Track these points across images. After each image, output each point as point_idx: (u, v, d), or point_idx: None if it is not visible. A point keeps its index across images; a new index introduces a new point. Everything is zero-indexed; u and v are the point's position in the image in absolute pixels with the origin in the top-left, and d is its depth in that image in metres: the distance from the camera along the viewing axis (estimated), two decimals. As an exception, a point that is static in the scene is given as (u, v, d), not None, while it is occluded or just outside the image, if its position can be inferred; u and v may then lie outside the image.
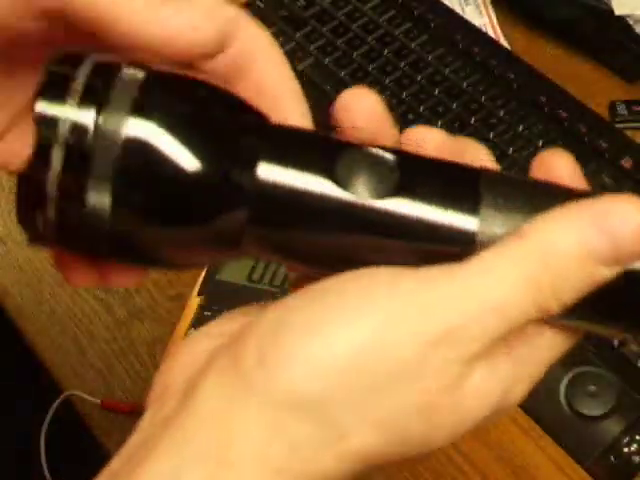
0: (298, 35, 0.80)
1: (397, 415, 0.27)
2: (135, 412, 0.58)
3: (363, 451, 0.27)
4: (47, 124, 0.27)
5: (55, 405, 0.61)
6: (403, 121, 0.73)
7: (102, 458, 0.60)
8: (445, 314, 0.26)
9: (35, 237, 0.30)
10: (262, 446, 0.26)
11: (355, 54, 0.78)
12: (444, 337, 0.26)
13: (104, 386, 0.62)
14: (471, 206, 0.28)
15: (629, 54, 0.77)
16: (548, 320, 0.29)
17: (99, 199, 0.27)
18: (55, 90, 0.27)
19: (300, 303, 0.27)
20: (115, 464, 0.29)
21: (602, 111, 0.75)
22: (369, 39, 0.80)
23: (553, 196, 0.29)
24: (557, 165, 0.31)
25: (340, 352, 0.26)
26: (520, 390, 0.29)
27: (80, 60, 0.28)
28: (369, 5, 0.82)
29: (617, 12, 0.77)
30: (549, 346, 0.29)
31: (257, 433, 0.26)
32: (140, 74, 0.28)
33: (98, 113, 0.27)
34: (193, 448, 0.27)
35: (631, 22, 0.77)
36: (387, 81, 0.76)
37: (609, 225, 0.27)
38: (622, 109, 0.75)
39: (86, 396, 0.60)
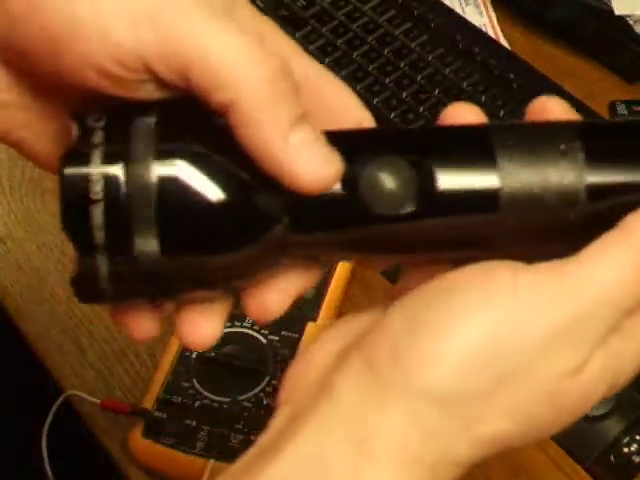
0: (298, 35, 0.80)
1: (526, 402, 0.29)
2: (135, 412, 0.58)
3: (495, 437, 0.30)
4: (78, 186, 0.28)
5: (56, 405, 0.61)
6: (403, 121, 0.73)
7: (102, 458, 0.60)
8: (566, 306, 0.29)
9: (91, 296, 0.30)
10: (400, 440, 0.29)
11: (355, 54, 0.78)
12: (566, 328, 0.29)
13: (104, 386, 0.62)
14: (490, 164, 0.30)
15: (629, 54, 0.77)
16: None
17: (147, 244, 0.28)
18: (79, 155, 0.29)
19: (425, 303, 0.30)
20: (243, 462, 0.30)
21: (602, 111, 0.75)
22: (369, 39, 0.80)
23: (564, 130, 0.31)
24: (552, 109, 0.34)
25: (469, 348, 0.28)
26: (630, 365, 0.31)
27: (98, 116, 0.29)
28: (369, 5, 0.82)
29: (617, 12, 0.77)
30: None
31: (396, 428, 0.29)
32: (152, 119, 0.29)
33: (126, 165, 0.28)
34: (337, 436, 0.29)
35: (631, 22, 0.77)
36: (387, 81, 0.76)
37: None
38: (622, 109, 0.75)
39: (86, 396, 0.60)
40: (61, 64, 0.30)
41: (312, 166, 0.29)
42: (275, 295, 0.32)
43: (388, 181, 0.30)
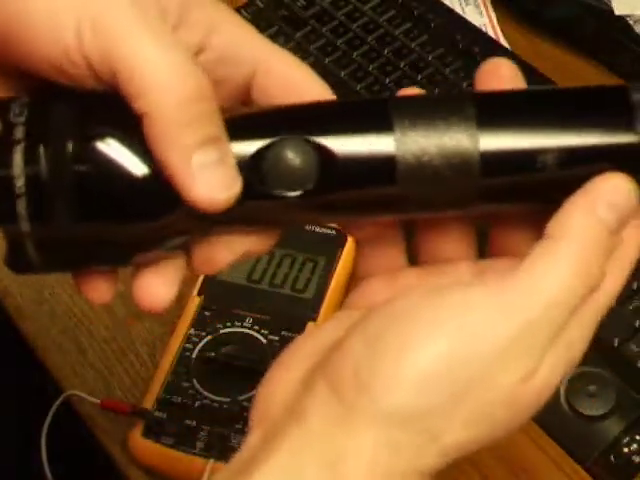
0: (298, 35, 0.80)
1: (484, 410, 0.31)
2: (135, 412, 0.58)
3: (459, 444, 0.31)
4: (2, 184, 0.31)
5: (55, 405, 0.61)
6: (403, 121, 0.73)
7: (102, 458, 0.60)
8: (514, 317, 0.30)
9: (23, 268, 0.33)
10: (371, 458, 0.30)
11: (355, 54, 0.78)
12: (516, 338, 0.30)
13: (104, 386, 0.62)
14: (385, 129, 0.32)
15: (629, 54, 0.77)
16: None
17: (64, 217, 0.31)
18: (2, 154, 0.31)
19: (382, 328, 0.31)
20: (223, 476, 0.32)
21: (602, 111, 0.75)
22: (369, 39, 0.80)
23: (462, 101, 0.33)
24: (502, 72, 0.34)
25: (427, 368, 0.30)
26: (579, 352, 0.34)
27: (20, 110, 0.31)
28: (369, 5, 0.82)
29: (617, 12, 0.77)
30: (595, 308, 0.34)
31: (366, 449, 0.30)
32: (75, 106, 0.31)
33: (45, 154, 0.30)
34: (309, 459, 0.31)
35: (631, 22, 0.77)
36: (387, 81, 0.76)
37: (612, 204, 0.31)
38: (622, 109, 0.75)
39: (86, 396, 0.60)
40: (12, 53, 0.31)
41: (209, 188, 0.30)
42: (222, 251, 0.33)
43: (289, 160, 0.31)
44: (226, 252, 0.34)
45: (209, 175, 0.30)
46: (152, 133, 0.30)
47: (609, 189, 0.32)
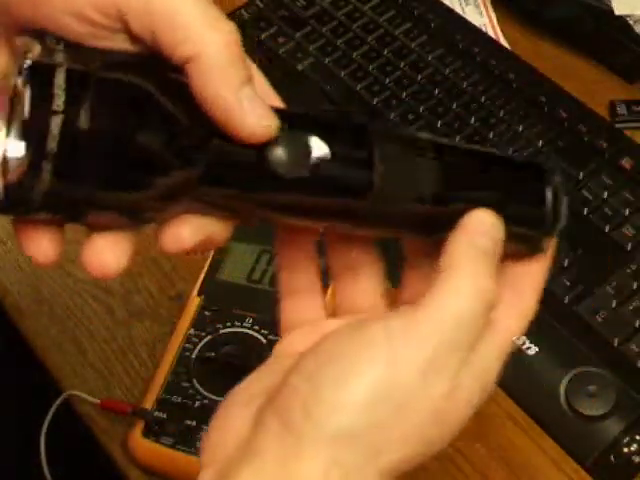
0: (298, 35, 0.80)
1: (416, 428, 0.35)
2: (135, 412, 0.58)
3: (396, 462, 0.34)
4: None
5: (55, 405, 0.61)
6: (403, 121, 0.74)
7: (102, 458, 0.60)
8: (429, 341, 0.34)
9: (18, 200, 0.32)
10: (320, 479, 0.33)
11: (355, 54, 0.78)
12: (433, 359, 0.34)
13: (104, 386, 0.62)
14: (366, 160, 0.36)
15: (629, 54, 0.77)
16: None
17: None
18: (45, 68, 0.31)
19: (320, 365, 0.35)
20: None
21: (602, 111, 0.75)
22: (369, 39, 0.80)
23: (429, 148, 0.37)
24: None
25: (363, 393, 0.34)
26: (493, 374, 0.37)
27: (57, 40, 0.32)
28: (369, 5, 0.82)
29: (617, 12, 0.77)
30: (502, 330, 0.38)
31: (318, 472, 0.33)
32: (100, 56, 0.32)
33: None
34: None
35: (631, 22, 0.77)
36: (387, 81, 0.76)
37: (484, 233, 0.37)
38: (622, 109, 0.75)
39: (86, 396, 0.60)
40: (41, 12, 0.33)
41: (257, 117, 0.33)
42: (188, 230, 0.35)
43: (289, 150, 0.34)
44: (191, 232, 0.35)
45: (256, 106, 0.33)
46: (200, 73, 0.33)
47: (480, 222, 0.37)
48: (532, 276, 0.40)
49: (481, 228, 0.37)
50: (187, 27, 0.33)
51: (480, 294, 0.36)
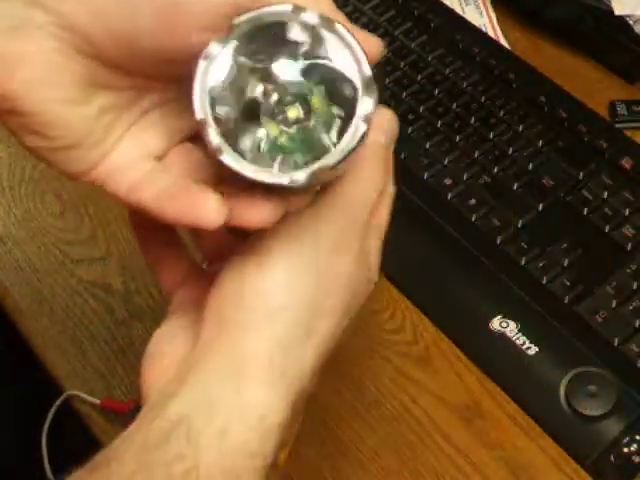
0: (298, 35, 0.80)
1: (338, 298, 0.39)
2: (135, 412, 0.58)
3: (328, 336, 0.38)
4: None
5: (55, 405, 0.61)
6: (403, 121, 0.73)
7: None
8: (335, 224, 0.39)
9: None
10: (267, 358, 0.36)
11: (355, 54, 0.78)
12: (340, 236, 0.39)
13: (104, 386, 0.62)
14: None
15: (629, 54, 0.77)
16: None
17: None
18: None
19: (239, 267, 0.38)
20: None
21: (602, 111, 0.75)
22: (369, 39, 0.79)
23: None
24: None
25: (282, 276, 0.37)
26: (376, 256, 0.42)
27: None
28: (369, 5, 0.82)
29: (617, 12, 0.77)
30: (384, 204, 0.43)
31: (262, 351, 0.36)
32: None
33: None
34: (219, 376, 0.36)
35: (631, 22, 0.77)
36: (387, 81, 0.76)
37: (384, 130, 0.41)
38: (622, 109, 0.75)
39: (86, 396, 0.60)
40: (167, 34, 0.35)
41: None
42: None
43: None
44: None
45: None
46: None
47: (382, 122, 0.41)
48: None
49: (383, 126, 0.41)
50: None
51: (376, 183, 0.40)
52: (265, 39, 0.36)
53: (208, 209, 0.35)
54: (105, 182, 0.38)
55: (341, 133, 0.36)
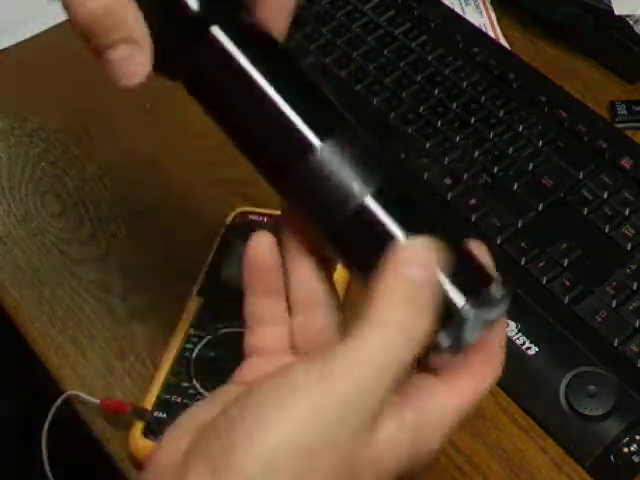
0: (298, 35, 0.80)
1: (329, 474, 0.33)
2: (135, 412, 0.58)
3: None
4: None
5: (55, 405, 0.61)
6: (403, 121, 0.74)
7: (102, 458, 0.60)
8: (345, 384, 0.33)
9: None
10: None
11: (355, 54, 0.78)
12: (345, 408, 0.33)
13: (104, 386, 0.62)
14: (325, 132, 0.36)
15: (629, 54, 0.77)
16: None
17: None
18: None
19: (240, 414, 0.34)
20: None
21: (602, 111, 0.75)
22: (369, 39, 0.80)
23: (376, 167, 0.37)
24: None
25: (277, 436, 0.33)
26: (433, 438, 0.36)
27: None
28: (369, 5, 0.82)
29: (617, 12, 0.77)
30: (452, 403, 0.36)
31: None
32: None
33: None
34: None
35: (631, 22, 0.77)
36: (387, 81, 0.76)
37: (411, 268, 0.35)
38: (622, 109, 0.75)
39: (86, 396, 0.60)
40: None
41: None
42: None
43: None
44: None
45: None
46: None
47: (411, 250, 0.35)
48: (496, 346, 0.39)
49: (412, 256, 0.35)
50: None
51: (407, 342, 0.34)
52: None
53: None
54: None
55: None
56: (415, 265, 0.34)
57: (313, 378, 0.33)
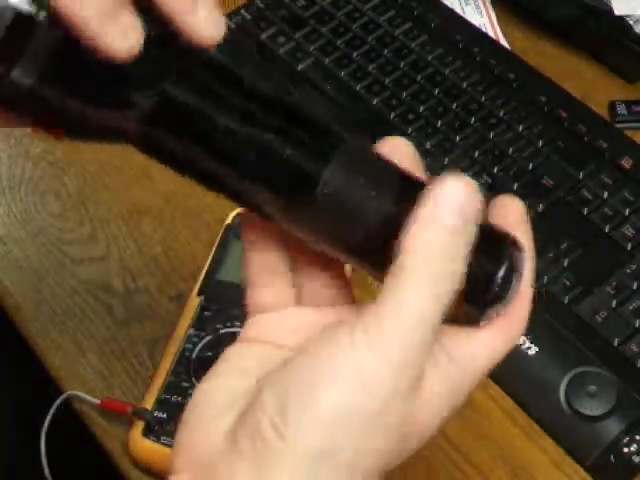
0: (298, 35, 0.80)
1: (388, 440, 0.34)
2: (135, 412, 0.58)
3: (373, 469, 0.34)
4: None
5: (55, 405, 0.61)
6: (403, 121, 0.74)
7: (102, 458, 0.60)
8: (390, 345, 0.33)
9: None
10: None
11: (355, 54, 0.78)
12: (397, 371, 0.33)
13: (104, 386, 0.62)
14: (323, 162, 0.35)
15: (629, 54, 0.77)
16: None
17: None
18: None
19: (287, 385, 0.34)
20: None
21: (602, 111, 0.75)
22: (369, 39, 0.80)
23: (391, 175, 0.36)
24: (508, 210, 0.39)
25: (331, 413, 0.33)
26: (467, 388, 0.36)
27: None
28: (369, 5, 0.82)
29: (617, 12, 0.77)
30: (483, 345, 0.36)
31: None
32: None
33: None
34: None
35: (631, 22, 0.77)
36: (387, 81, 0.76)
37: (448, 205, 0.34)
38: (622, 109, 0.75)
39: (86, 396, 0.60)
40: None
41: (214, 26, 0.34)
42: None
43: None
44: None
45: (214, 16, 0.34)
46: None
47: (445, 195, 0.35)
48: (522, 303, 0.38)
49: (447, 202, 0.34)
50: None
51: (440, 296, 0.33)
52: None
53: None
54: None
55: None
56: (457, 212, 0.35)
57: (359, 347, 0.33)
